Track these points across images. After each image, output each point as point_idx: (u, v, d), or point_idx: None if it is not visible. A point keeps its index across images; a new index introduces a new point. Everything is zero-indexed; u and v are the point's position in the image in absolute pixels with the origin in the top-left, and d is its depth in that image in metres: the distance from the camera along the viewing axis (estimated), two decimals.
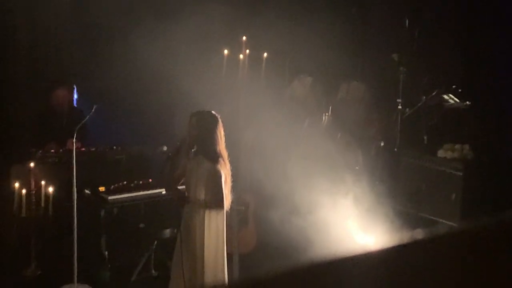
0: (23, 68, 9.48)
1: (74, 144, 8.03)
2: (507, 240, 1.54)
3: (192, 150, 6.92)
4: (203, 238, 6.84)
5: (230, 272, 7.90)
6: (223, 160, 6.84)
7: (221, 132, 6.91)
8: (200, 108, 7.11)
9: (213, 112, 6.98)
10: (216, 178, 6.78)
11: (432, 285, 1.44)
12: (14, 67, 9.47)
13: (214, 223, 6.89)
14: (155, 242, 8.47)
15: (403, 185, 9.84)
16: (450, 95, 10.13)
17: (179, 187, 7.17)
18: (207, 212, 6.85)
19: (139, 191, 8.58)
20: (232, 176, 7.13)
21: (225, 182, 6.84)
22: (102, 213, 8.47)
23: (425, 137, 10.08)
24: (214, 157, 6.80)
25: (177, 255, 7.00)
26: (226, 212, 7.09)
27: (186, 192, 6.97)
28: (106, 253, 8.43)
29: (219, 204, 6.85)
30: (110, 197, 8.40)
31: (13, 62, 9.44)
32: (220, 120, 6.94)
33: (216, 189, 6.81)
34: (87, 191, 8.48)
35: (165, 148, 8.85)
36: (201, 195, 6.83)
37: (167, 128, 9.62)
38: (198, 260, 6.87)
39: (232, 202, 7.59)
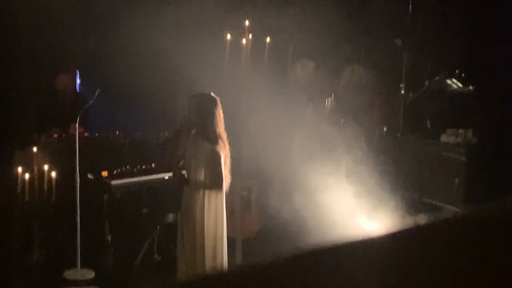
0: (26, 54, 9.47)
1: (77, 129, 8.04)
2: (511, 225, 1.53)
3: (192, 132, 6.95)
4: (203, 219, 6.91)
5: (232, 257, 7.92)
6: (223, 142, 6.89)
7: (220, 114, 6.95)
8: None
9: (212, 94, 7.01)
10: (215, 159, 6.82)
11: (434, 271, 1.44)
12: (17, 52, 9.47)
13: (213, 204, 6.95)
14: (158, 227, 8.47)
15: (406, 170, 9.84)
16: (454, 80, 10.11)
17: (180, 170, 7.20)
18: (206, 193, 6.91)
19: (142, 176, 8.59)
20: (235, 161, 7.14)
21: (224, 164, 6.89)
22: (105, 198, 8.48)
23: (428, 122, 10.08)
24: (214, 139, 6.84)
25: (179, 239, 7.06)
26: (227, 195, 7.13)
27: (186, 174, 7.01)
28: (109, 238, 8.44)
29: (218, 185, 6.91)
30: (113, 182, 8.40)
31: (17, 48, 9.43)
32: (219, 102, 6.96)
33: (216, 170, 6.86)
34: (90, 176, 8.48)
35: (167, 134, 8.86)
36: (201, 176, 6.88)
37: (170, 113, 9.61)
38: (198, 241, 6.92)
39: (234, 186, 7.61)
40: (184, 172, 7.07)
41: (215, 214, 6.98)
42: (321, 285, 1.38)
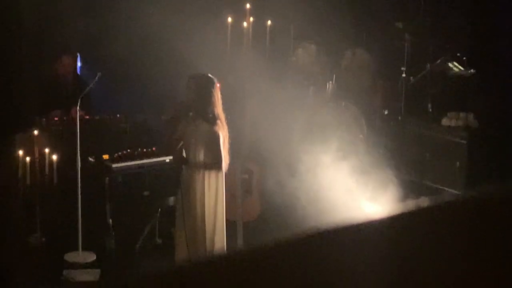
0: (27, 36, 9.44)
1: (78, 112, 8.04)
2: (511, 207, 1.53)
3: (190, 113, 6.98)
4: (204, 199, 6.95)
5: (233, 240, 7.93)
6: (221, 122, 6.93)
7: (218, 95, 7.00)
8: None
9: (209, 75, 7.04)
10: (215, 139, 6.88)
11: (435, 254, 1.44)
12: (17, 35, 9.44)
13: (213, 185, 7.00)
14: (159, 209, 8.48)
15: (407, 153, 9.84)
16: (455, 63, 10.09)
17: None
18: (206, 173, 6.97)
19: (143, 159, 8.59)
20: (236, 144, 7.15)
21: (223, 144, 6.92)
22: (106, 181, 8.48)
23: (429, 106, 10.06)
24: (212, 119, 6.89)
25: (179, 220, 7.11)
26: (228, 178, 7.16)
27: (185, 155, 7.05)
28: (111, 221, 8.45)
29: (218, 165, 6.96)
30: (114, 165, 8.41)
31: (17, 30, 9.41)
32: (216, 83, 7.00)
33: (215, 150, 6.92)
34: (91, 159, 8.48)
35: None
36: (200, 156, 6.93)
37: (171, 96, 9.60)
38: (199, 221, 6.97)
39: (235, 169, 7.61)
40: (183, 153, 7.11)
41: (215, 194, 7.03)
42: (322, 268, 1.38)
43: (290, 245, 1.40)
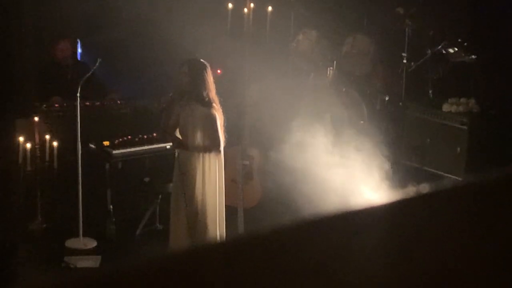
0: (27, 22, 9.42)
1: (79, 98, 8.03)
2: None
3: (185, 97, 7.05)
4: (203, 182, 6.99)
5: (234, 226, 7.95)
6: (216, 104, 6.97)
7: (211, 79, 7.10)
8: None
9: (202, 60, 7.14)
10: (212, 121, 6.94)
11: (436, 240, 1.44)
12: (18, 20, 9.42)
13: (213, 167, 7.07)
14: (160, 196, 8.49)
15: (408, 139, 9.84)
16: (456, 49, 10.07)
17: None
18: (206, 155, 7.01)
19: (144, 145, 8.59)
20: (237, 130, 7.17)
21: (220, 126, 6.96)
22: (107, 167, 8.49)
23: (430, 91, 10.06)
24: (208, 102, 6.98)
25: (174, 205, 7.15)
26: (229, 164, 7.20)
27: (182, 139, 7.10)
28: (111, 207, 8.46)
29: (217, 146, 7.04)
30: (114, 152, 8.41)
31: (17, 16, 9.39)
32: (209, 67, 7.05)
33: (213, 132, 6.99)
34: (91, 145, 8.48)
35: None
36: (199, 139, 6.97)
37: (171, 82, 9.60)
38: (199, 205, 7.01)
39: (236, 155, 7.60)
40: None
41: (215, 177, 7.07)
42: (322, 254, 1.38)
43: (290, 231, 1.39)
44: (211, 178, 7.06)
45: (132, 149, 8.53)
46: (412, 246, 1.42)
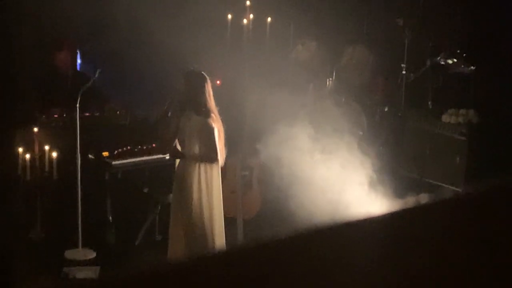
0: (27, 32, 9.44)
1: (78, 109, 8.03)
2: (511, 204, 1.53)
3: (183, 107, 7.07)
4: (200, 193, 6.99)
5: (233, 236, 7.94)
6: (215, 115, 6.98)
7: (210, 90, 7.10)
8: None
9: (202, 72, 7.17)
10: (208, 131, 6.95)
11: (436, 250, 1.44)
12: (17, 31, 9.44)
13: (210, 177, 7.06)
14: (159, 206, 8.49)
15: (407, 150, 9.85)
16: (455, 60, 10.08)
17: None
18: (202, 166, 7.00)
19: (143, 156, 8.59)
20: (236, 141, 7.17)
21: (218, 137, 7.01)
22: (106, 177, 8.48)
23: (429, 102, 10.07)
24: (205, 112, 6.96)
25: (173, 216, 7.15)
26: (229, 174, 7.19)
27: (180, 149, 7.12)
28: (110, 217, 8.45)
29: (213, 157, 7.01)
30: (114, 162, 8.41)
31: (17, 26, 9.40)
32: (208, 79, 7.07)
33: (209, 143, 6.97)
34: (91, 156, 8.48)
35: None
36: (195, 149, 6.98)
37: (170, 93, 9.60)
38: (196, 216, 7.00)
39: (235, 166, 7.61)
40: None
41: (211, 187, 7.06)
42: (322, 264, 1.38)
43: (289, 241, 1.39)
44: (208, 189, 7.05)
45: (132, 160, 8.52)
46: (410, 256, 1.42)
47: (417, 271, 1.41)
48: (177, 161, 7.19)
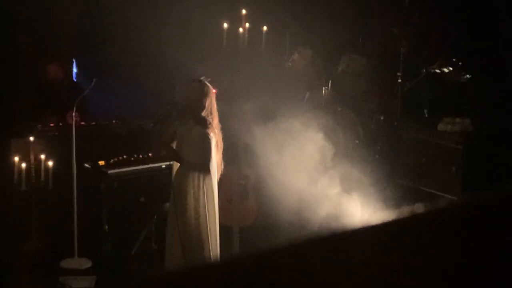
0: (23, 42, 9.45)
1: (74, 118, 8.03)
2: (508, 213, 1.53)
3: (185, 115, 7.07)
4: (196, 202, 6.99)
5: (230, 245, 7.93)
6: (216, 127, 6.99)
7: (213, 101, 7.09)
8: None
9: (208, 83, 7.13)
10: (206, 142, 6.93)
11: (432, 259, 1.44)
12: (13, 40, 9.44)
13: (206, 186, 7.05)
14: (155, 215, 8.48)
15: (403, 158, 9.85)
16: (451, 68, 10.10)
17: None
18: (196, 175, 7.00)
19: (139, 165, 8.58)
20: (232, 150, 7.16)
21: (216, 149, 7.01)
22: (102, 187, 8.48)
23: (425, 111, 10.08)
24: (205, 123, 6.95)
25: (170, 225, 7.15)
26: (225, 183, 7.18)
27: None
28: (107, 227, 8.44)
29: (206, 167, 6.98)
30: (110, 171, 8.40)
31: (13, 36, 9.41)
32: (212, 90, 7.08)
33: (205, 153, 6.96)
34: (87, 165, 8.48)
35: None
36: (192, 158, 6.98)
37: (167, 102, 9.61)
38: (192, 224, 7.00)
39: (232, 175, 7.60)
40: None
41: (207, 195, 7.06)
42: (317, 273, 1.38)
43: (286, 251, 1.39)
44: (205, 198, 7.05)
45: (128, 169, 8.52)
46: (406, 266, 1.42)
47: (412, 280, 1.42)
48: (174, 170, 7.18)
